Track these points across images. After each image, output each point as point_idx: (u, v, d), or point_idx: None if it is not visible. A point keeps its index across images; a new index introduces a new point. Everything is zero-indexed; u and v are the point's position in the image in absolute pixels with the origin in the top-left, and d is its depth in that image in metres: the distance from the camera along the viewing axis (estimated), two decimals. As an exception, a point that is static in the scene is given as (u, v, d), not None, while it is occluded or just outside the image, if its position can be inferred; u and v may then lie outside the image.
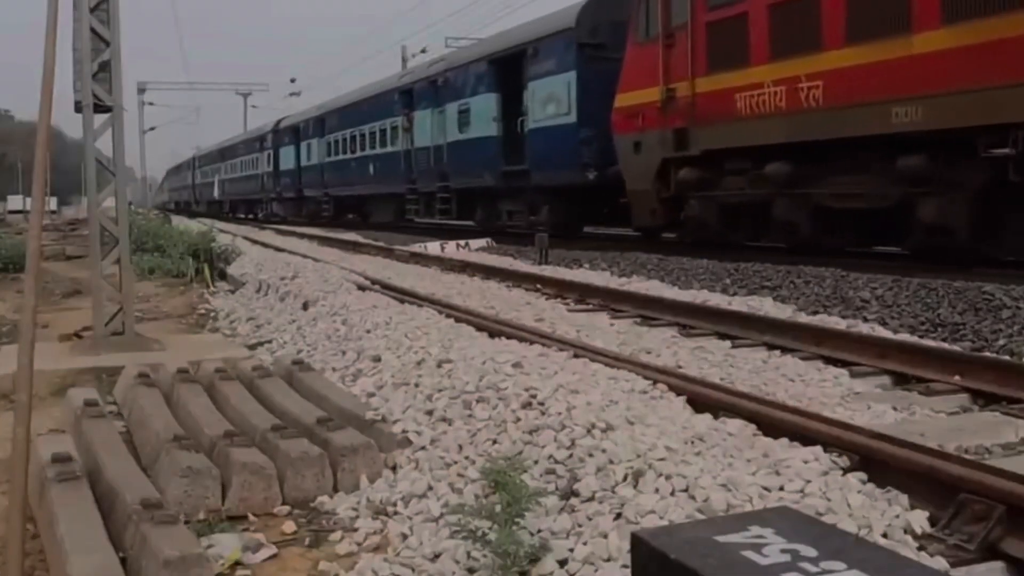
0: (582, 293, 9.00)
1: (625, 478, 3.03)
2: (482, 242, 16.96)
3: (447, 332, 5.94)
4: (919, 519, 2.79)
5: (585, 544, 2.73)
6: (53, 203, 58.65)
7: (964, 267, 8.46)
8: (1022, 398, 4.47)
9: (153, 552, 2.65)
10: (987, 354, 5.62)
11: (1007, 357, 5.47)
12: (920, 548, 2.65)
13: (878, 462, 3.17)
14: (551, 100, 15.94)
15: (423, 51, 35.69)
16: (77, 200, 65.65)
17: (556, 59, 15.83)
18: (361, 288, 9.09)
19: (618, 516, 2.84)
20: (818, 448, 3.27)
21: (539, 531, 2.84)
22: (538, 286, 9.78)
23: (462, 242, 16.86)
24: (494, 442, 3.65)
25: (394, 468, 3.70)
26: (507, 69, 17.83)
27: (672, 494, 2.90)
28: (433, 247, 16.02)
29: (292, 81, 61.40)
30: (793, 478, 2.99)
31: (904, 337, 6.11)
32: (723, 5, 11.40)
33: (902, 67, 8.86)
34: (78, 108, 6.55)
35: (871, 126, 9.22)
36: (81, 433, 4.06)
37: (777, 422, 3.67)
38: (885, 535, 2.69)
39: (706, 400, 4.12)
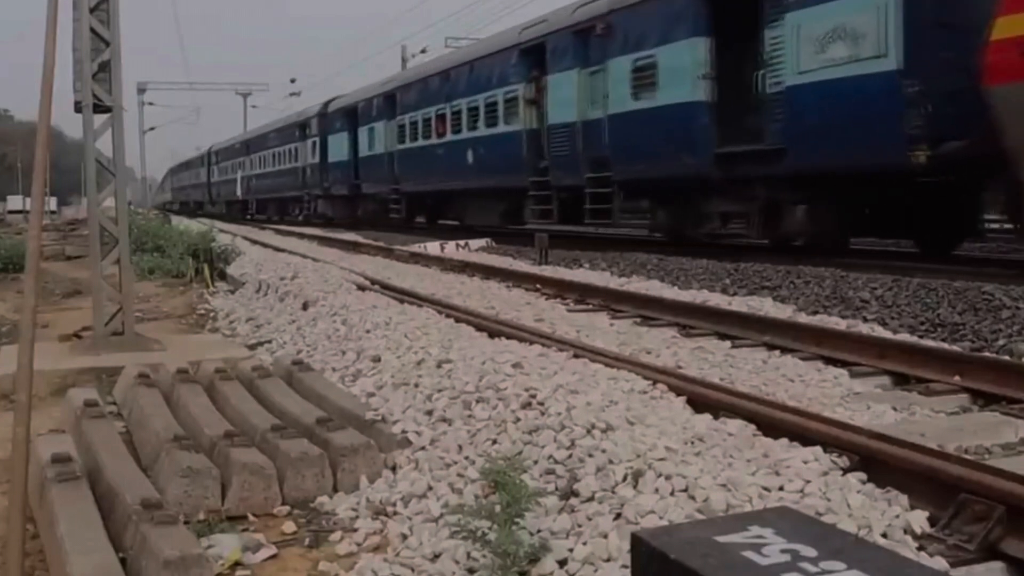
0: (582, 293, 9.01)
1: (625, 478, 3.03)
2: (482, 242, 16.97)
3: (447, 332, 5.94)
4: (919, 519, 2.79)
5: (585, 544, 2.73)
6: (53, 203, 58.71)
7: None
8: (1022, 398, 4.48)
9: (153, 552, 2.65)
10: (987, 354, 5.63)
11: (1007, 357, 5.47)
12: (920, 548, 2.65)
13: (878, 462, 3.17)
14: (840, 36, 10.16)
15: (423, 51, 35.77)
16: (77, 200, 65.64)
17: None
18: (361, 288, 9.09)
19: (618, 516, 2.84)
20: (818, 448, 3.27)
21: (539, 531, 2.84)
22: (538, 286, 9.79)
23: (462, 242, 16.86)
24: (494, 442, 3.65)
25: (394, 468, 3.71)
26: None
27: (672, 494, 2.91)
28: (433, 247, 16.03)
29: (292, 81, 61.53)
30: (793, 478, 2.99)
31: (904, 337, 6.11)
32: None
33: None
34: (78, 108, 6.55)
35: None
36: (81, 433, 4.06)
37: (777, 422, 3.67)
38: (885, 535, 2.69)
39: (706, 400, 4.12)
